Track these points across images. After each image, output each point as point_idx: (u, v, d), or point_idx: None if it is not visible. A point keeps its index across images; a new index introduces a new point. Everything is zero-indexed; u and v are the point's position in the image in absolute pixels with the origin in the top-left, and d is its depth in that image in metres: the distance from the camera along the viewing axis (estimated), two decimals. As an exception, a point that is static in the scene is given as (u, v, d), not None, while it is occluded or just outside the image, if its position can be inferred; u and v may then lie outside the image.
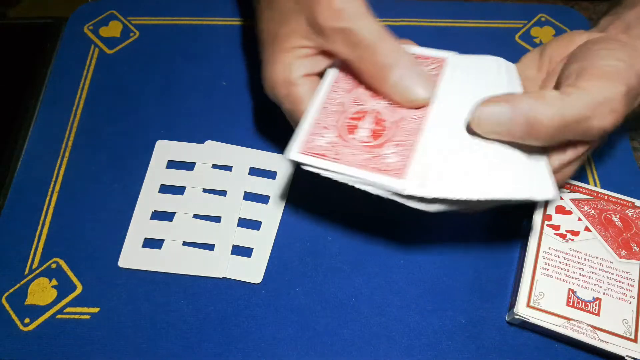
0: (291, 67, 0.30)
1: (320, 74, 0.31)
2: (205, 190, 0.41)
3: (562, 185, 0.28)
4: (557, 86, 0.29)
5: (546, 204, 0.39)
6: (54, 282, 0.38)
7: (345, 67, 0.30)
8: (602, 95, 0.25)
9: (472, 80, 0.29)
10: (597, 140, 0.28)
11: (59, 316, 0.37)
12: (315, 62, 0.30)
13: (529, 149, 0.27)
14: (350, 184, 0.27)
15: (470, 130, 0.27)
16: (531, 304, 0.35)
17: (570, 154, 0.28)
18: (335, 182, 0.28)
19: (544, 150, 0.27)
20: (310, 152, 0.27)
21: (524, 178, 0.26)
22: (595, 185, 0.41)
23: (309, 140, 0.28)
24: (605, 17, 0.33)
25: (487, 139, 0.27)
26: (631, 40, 0.29)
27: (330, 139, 0.28)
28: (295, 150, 0.28)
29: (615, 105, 0.26)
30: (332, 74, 0.31)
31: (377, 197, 0.27)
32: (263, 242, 0.39)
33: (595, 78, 0.26)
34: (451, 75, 0.29)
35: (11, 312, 0.37)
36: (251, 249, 0.39)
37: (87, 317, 0.37)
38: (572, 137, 0.27)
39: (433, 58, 0.30)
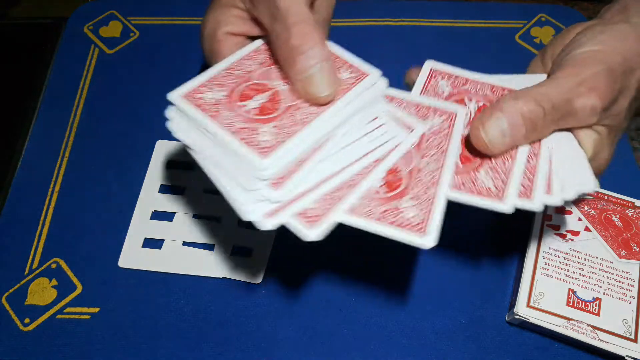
0: (219, 23, 0.31)
1: (252, 39, 0.31)
2: (205, 190, 0.41)
3: (598, 174, 0.29)
4: None
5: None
6: (54, 282, 0.38)
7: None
8: (577, 78, 0.27)
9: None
10: (609, 120, 0.29)
11: (59, 316, 0.37)
12: (245, 25, 0.31)
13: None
14: (205, 168, 0.27)
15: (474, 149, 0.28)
16: (531, 304, 0.35)
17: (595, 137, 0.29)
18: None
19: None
20: (192, 101, 0.27)
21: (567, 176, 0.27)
22: (595, 185, 0.42)
23: (198, 91, 0.28)
24: (606, 6, 0.33)
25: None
26: (626, 20, 0.30)
27: (218, 98, 0.27)
28: (179, 94, 0.27)
29: (594, 83, 0.27)
30: (257, 44, 0.31)
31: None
32: (263, 242, 0.39)
33: (571, 66, 0.28)
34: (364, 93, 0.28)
35: (11, 312, 0.37)
36: (251, 249, 0.39)
37: (87, 317, 0.37)
38: (572, 120, 0.28)
39: (356, 68, 0.29)
